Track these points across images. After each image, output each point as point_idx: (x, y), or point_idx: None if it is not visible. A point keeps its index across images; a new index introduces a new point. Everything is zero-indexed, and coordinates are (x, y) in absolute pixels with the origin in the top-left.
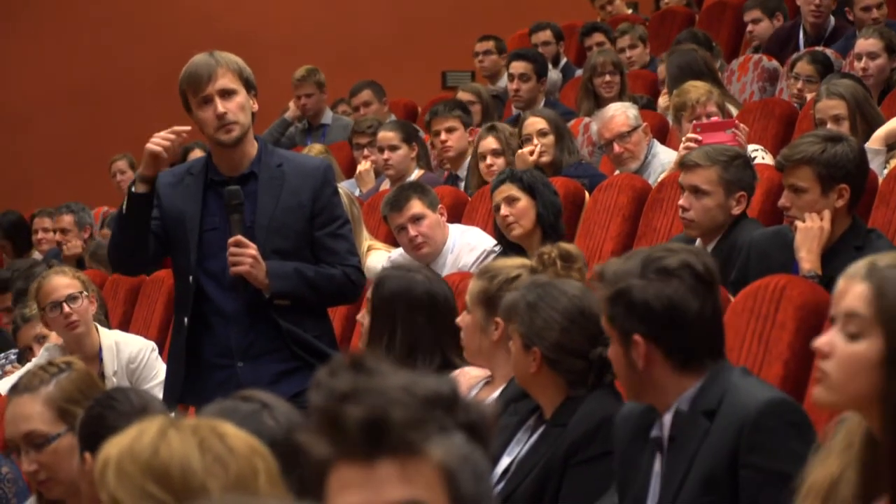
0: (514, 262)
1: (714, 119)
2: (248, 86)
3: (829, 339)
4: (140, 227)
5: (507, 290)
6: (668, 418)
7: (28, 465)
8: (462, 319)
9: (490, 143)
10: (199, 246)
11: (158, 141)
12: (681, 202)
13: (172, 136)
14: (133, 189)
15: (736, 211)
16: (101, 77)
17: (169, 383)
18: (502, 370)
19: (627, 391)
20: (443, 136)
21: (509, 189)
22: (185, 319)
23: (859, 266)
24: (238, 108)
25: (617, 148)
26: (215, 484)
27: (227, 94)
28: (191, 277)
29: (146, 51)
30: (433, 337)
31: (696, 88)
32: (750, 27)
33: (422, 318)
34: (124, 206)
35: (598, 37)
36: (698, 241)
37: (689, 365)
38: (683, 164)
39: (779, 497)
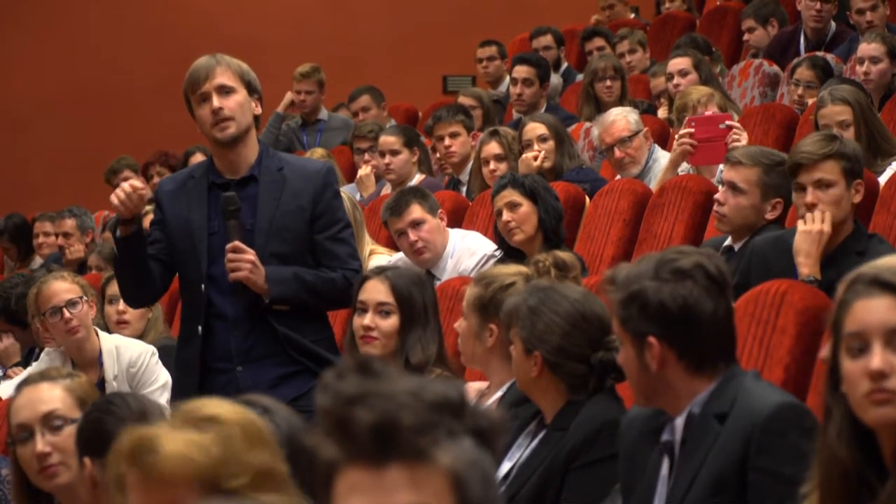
0: (509, 270)
1: (708, 114)
2: (251, 88)
3: (884, 359)
4: (138, 263)
5: (502, 297)
6: (680, 422)
7: (42, 446)
8: (459, 325)
9: (493, 148)
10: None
11: (118, 192)
12: (717, 196)
13: (129, 191)
14: (118, 234)
15: (770, 216)
16: (103, 80)
17: (179, 392)
18: (497, 377)
19: (639, 396)
20: (446, 141)
21: (511, 194)
22: (199, 328)
23: (865, 280)
24: (236, 105)
25: (618, 153)
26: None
27: (224, 90)
28: (203, 286)
29: (148, 54)
30: (438, 321)
31: (698, 90)
32: (746, 36)
33: (436, 308)
34: (116, 251)
35: (599, 41)
36: (728, 239)
37: (702, 367)
38: (728, 160)
39: (786, 500)
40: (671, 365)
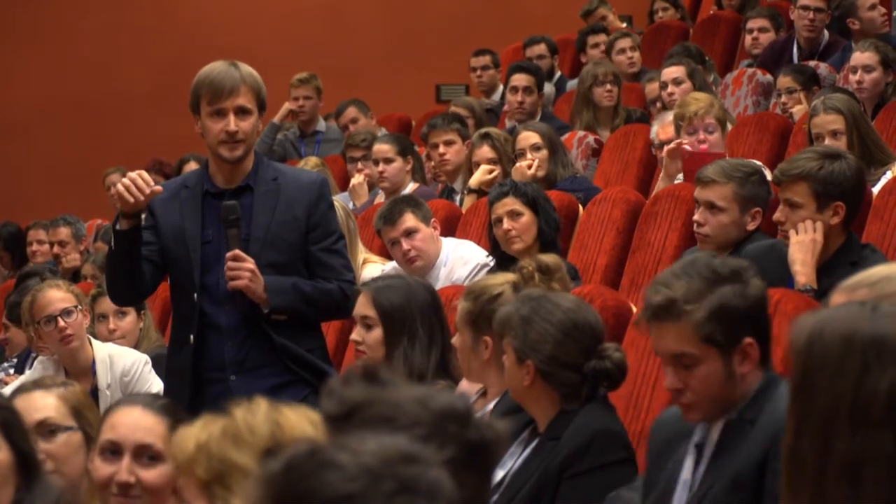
0: (496, 280)
1: (703, 147)
2: (261, 107)
3: None
4: (132, 260)
5: (492, 309)
6: (718, 426)
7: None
8: (455, 340)
9: (486, 152)
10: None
11: (122, 180)
12: (696, 217)
13: (134, 177)
14: (117, 227)
15: (751, 227)
16: (97, 89)
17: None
18: (495, 388)
19: (713, 410)
20: (441, 149)
21: (513, 203)
22: (192, 337)
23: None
24: (249, 128)
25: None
26: None
27: (242, 112)
28: (195, 295)
29: (142, 64)
30: (441, 329)
31: (697, 101)
32: (756, 34)
33: (434, 317)
34: (112, 244)
35: (602, 37)
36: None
37: (765, 363)
38: (699, 180)
39: None
40: (755, 362)
